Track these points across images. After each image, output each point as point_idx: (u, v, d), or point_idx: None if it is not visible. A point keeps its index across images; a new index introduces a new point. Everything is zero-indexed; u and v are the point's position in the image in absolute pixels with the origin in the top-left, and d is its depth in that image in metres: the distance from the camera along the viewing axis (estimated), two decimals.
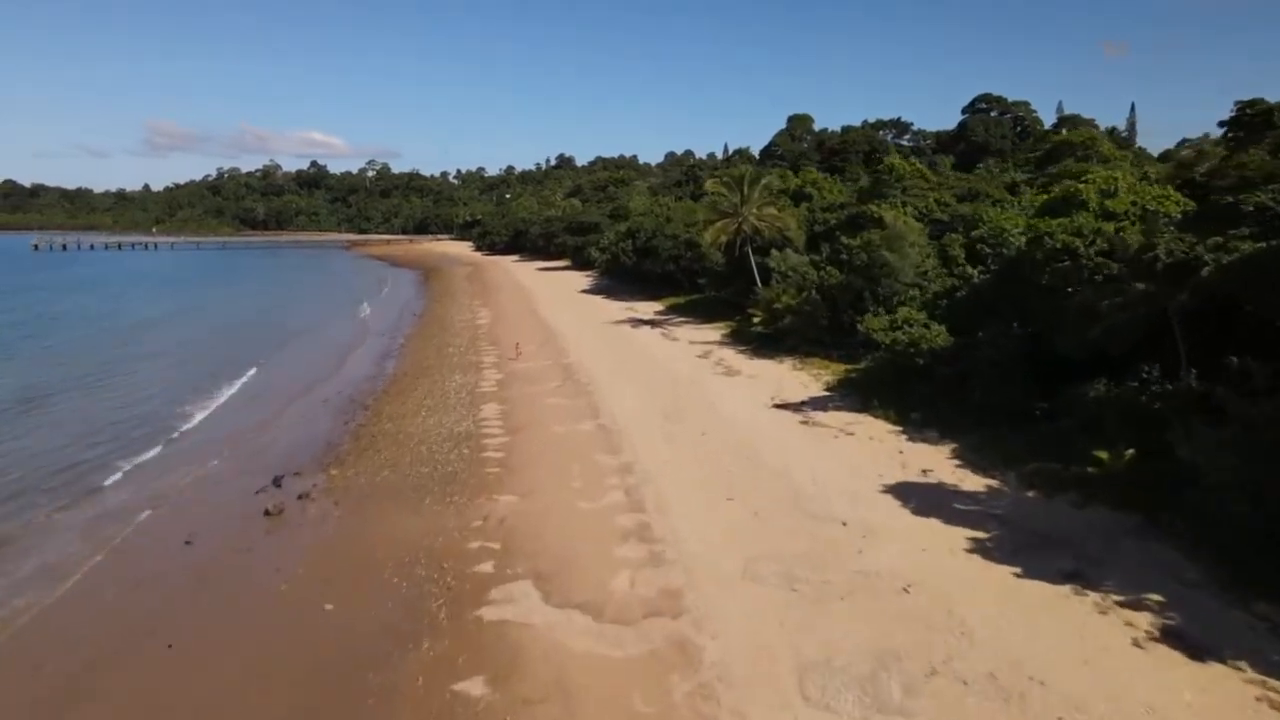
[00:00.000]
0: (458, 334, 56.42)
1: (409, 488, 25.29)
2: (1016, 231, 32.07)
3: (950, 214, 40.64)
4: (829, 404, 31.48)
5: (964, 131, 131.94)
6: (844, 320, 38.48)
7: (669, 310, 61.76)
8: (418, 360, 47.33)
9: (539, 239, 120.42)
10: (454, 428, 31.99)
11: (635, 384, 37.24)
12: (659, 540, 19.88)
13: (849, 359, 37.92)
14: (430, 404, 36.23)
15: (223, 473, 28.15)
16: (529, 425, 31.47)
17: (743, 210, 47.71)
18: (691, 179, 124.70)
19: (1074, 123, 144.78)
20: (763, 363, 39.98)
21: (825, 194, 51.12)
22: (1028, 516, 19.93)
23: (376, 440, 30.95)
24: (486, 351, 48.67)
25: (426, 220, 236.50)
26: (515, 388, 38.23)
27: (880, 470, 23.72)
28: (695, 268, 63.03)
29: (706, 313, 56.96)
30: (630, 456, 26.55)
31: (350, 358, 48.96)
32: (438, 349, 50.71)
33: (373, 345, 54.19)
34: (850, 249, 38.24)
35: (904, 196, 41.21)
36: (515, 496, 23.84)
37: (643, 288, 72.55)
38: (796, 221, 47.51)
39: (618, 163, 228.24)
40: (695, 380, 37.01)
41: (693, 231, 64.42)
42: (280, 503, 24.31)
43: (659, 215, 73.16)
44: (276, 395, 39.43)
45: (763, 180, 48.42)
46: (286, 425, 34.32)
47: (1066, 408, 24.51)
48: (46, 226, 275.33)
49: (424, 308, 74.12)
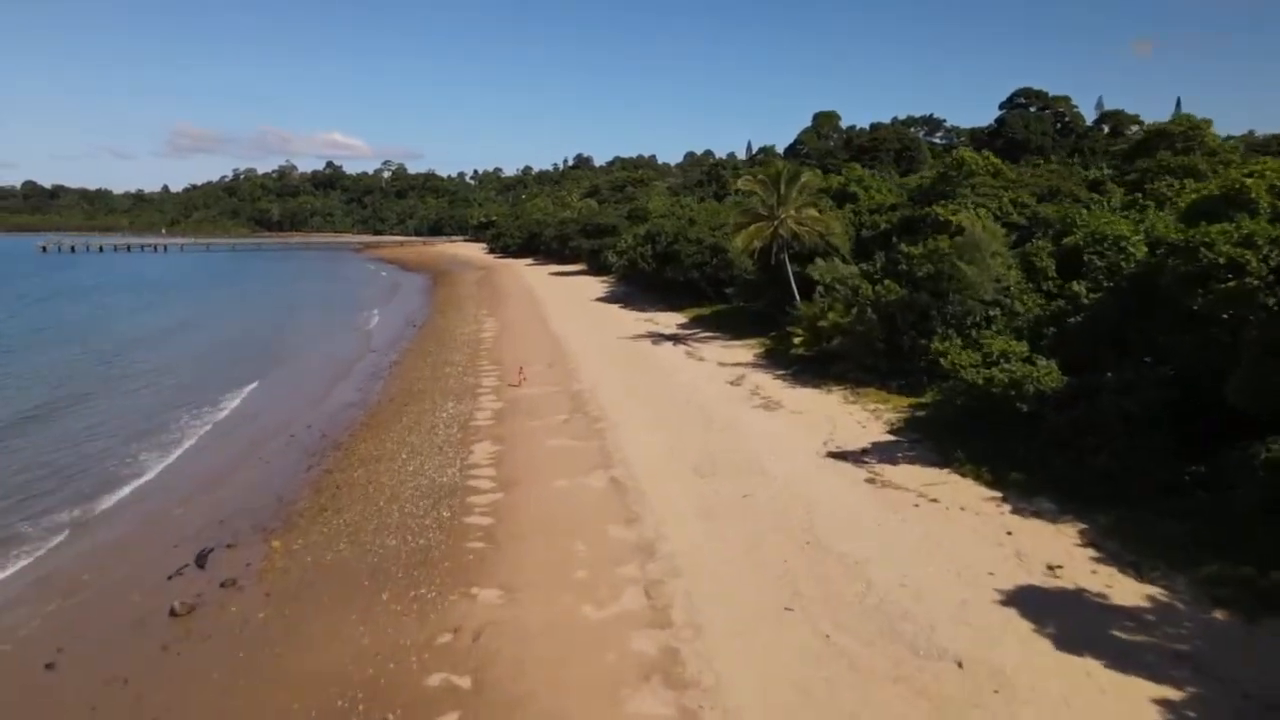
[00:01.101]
0: (458, 349, 50.75)
1: (366, 571, 19.54)
2: (1136, 239, 25.79)
3: (1027, 216, 34.34)
4: (898, 453, 25.32)
5: (1002, 128, 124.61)
6: (903, 343, 32.34)
7: (693, 323, 55.72)
8: (409, 382, 41.68)
9: (553, 241, 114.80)
10: (436, 477, 26.23)
11: (656, 419, 31.31)
12: (693, 684, 13.93)
13: (909, 389, 31.77)
14: (414, 442, 30.53)
15: (144, 542, 22.54)
16: (526, 477, 25.62)
17: (779, 212, 41.63)
18: (714, 179, 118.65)
19: (1117, 119, 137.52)
20: (807, 393, 33.85)
21: (874, 194, 44.93)
22: (1231, 660, 13.73)
23: (340, 495, 25.25)
24: (487, 372, 42.94)
25: (441, 221, 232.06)
26: (515, 422, 32.42)
27: (990, 564, 17.61)
28: (722, 276, 57.02)
29: (735, 327, 50.89)
30: (652, 530, 20.62)
31: (340, 381, 43.27)
32: (434, 368, 45.05)
33: (366, 364, 48.64)
34: (912, 259, 32.08)
35: (975, 196, 35.00)
36: (499, 592, 17.99)
37: (663, 296, 66.59)
38: (841, 225, 41.36)
39: (636, 163, 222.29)
40: (729, 415, 30.98)
41: (719, 236, 58.42)
42: (195, 596, 18.64)
43: (680, 217, 67.20)
44: (250, 430, 33.83)
45: (802, 177, 42.31)
46: (245, 470, 28.69)
47: (1233, 476, 18.33)
48: (64, 227, 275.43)
49: (427, 318, 68.61)
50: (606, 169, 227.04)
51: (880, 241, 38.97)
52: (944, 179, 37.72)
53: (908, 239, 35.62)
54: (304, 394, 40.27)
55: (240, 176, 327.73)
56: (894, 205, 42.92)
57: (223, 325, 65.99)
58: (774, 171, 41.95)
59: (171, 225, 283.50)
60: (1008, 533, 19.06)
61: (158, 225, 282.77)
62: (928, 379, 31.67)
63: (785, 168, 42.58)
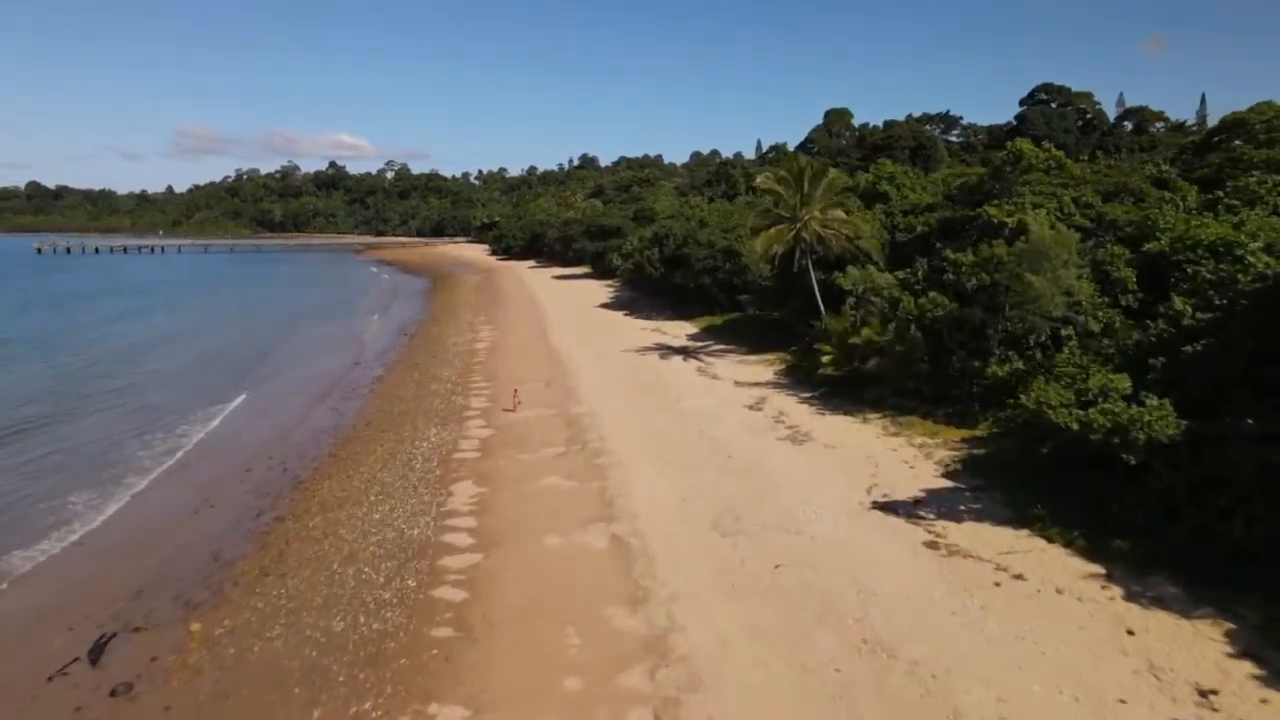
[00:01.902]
0: (449, 363, 46.55)
1: (300, 671, 15.33)
2: (1254, 247, 21.35)
3: (1091, 217, 29.94)
4: (959, 505, 20.97)
5: (1022, 125, 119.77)
6: (951, 365, 27.99)
7: (704, 333, 51.41)
8: (391, 402, 37.51)
9: (556, 243, 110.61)
10: (406, 528, 22.03)
11: (666, 454, 27.02)
12: None
13: (959, 419, 27.42)
14: (386, 479, 26.35)
15: (35, 623, 18.31)
16: (512, 532, 21.36)
17: (802, 214, 37.28)
18: (723, 178, 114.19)
19: (1141, 115, 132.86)
20: (839, 422, 29.47)
21: (907, 193, 40.49)
22: None
23: (289, 552, 21.07)
24: (478, 390, 38.73)
25: (443, 222, 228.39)
26: (504, 455, 28.18)
27: (1116, 684, 13.25)
28: (735, 282, 52.73)
29: (751, 338, 46.57)
30: (664, 617, 16.33)
31: (317, 402, 38.89)
32: (419, 385, 40.86)
33: (350, 379, 44.43)
34: (961, 267, 27.71)
35: (1032, 195, 30.49)
36: (463, 713, 13.75)
37: (671, 303, 62.32)
38: (872, 228, 36.99)
39: (641, 162, 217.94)
40: (751, 451, 26.64)
41: (732, 238, 54.13)
42: (72, 712, 14.46)
43: (690, 219, 62.89)
44: (208, 467, 29.41)
45: (828, 175, 37.94)
46: (187, 520, 24.40)
47: None
48: (67, 228, 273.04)
49: (420, 325, 64.46)
50: (612, 169, 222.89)
51: (918, 247, 34.58)
52: (997, 175, 33.12)
53: (952, 244, 31.23)
54: (275, 419, 36.01)
55: (243, 177, 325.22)
56: (931, 205, 38.51)
57: (205, 338, 61.55)
58: (796, 168, 37.59)
59: (174, 226, 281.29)
60: (1128, 631, 14.69)
61: (160, 226, 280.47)
62: (979, 406, 27.37)
63: (808, 164, 38.22)
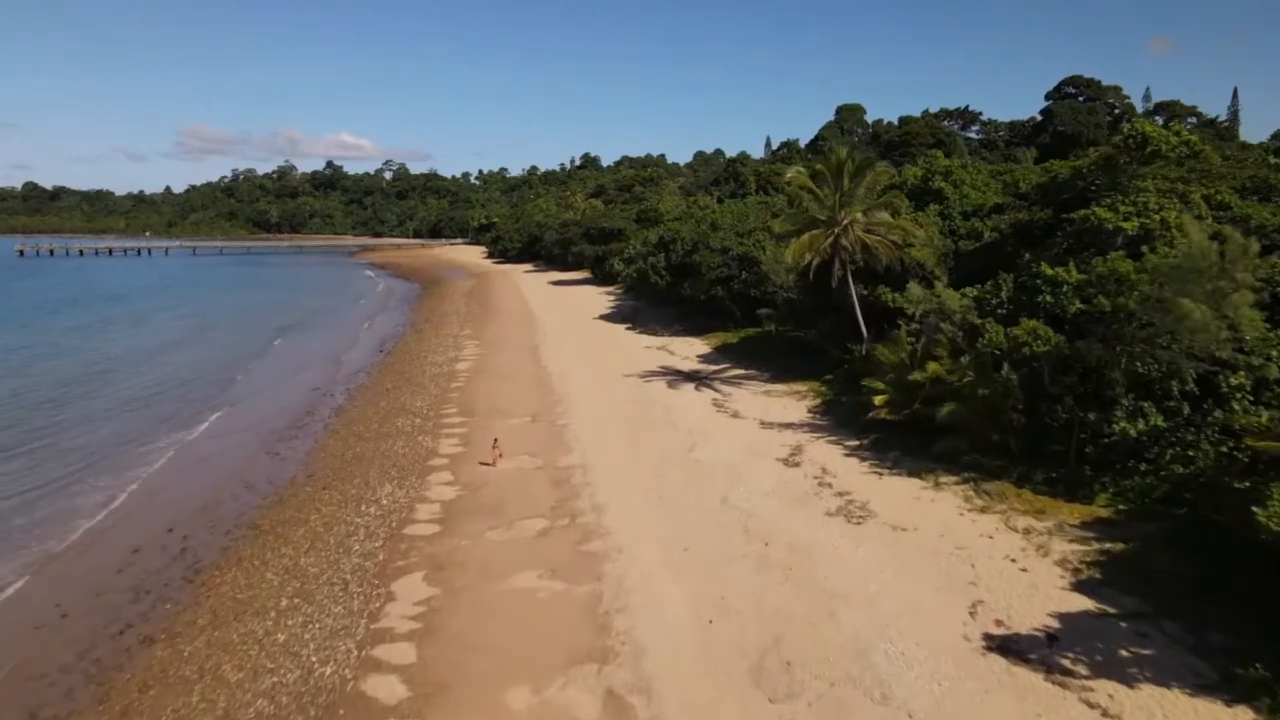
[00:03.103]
0: (423, 388, 40.04)
1: None
2: None
3: (1224, 220, 23.28)
4: (1120, 649, 14.26)
5: (1049, 120, 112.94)
6: (1053, 416, 21.39)
7: (718, 354, 44.76)
8: (344, 443, 31.00)
9: (554, 246, 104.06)
10: (316, 666, 15.54)
11: (683, 533, 20.43)
12: None
13: (1064, 487, 20.80)
14: (310, 568, 19.93)
15: None
16: (462, 681, 14.78)
17: (841, 216, 30.67)
18: (732, 176, 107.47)
19: (1173, 110, 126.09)
20: (903, 486, 22.79)
21: (968, 190, 33.71)
22: None
23: (136, 711, 14.52)
24: (450, 427, 32.22)
25: (441, 223, 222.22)
26: (469, 530, 21.64)
27: None
28: (753, 294, 46.14)
29: (773, 362, 39.94)
30: None
31: (262, 450, 31.66)
32: (383, 419, 34.35)
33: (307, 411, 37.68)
34: (1066, 287, 21.06)
35: (1156, 196, 23.77)
36: None
37: (679, 315, 55.75)
38: (927, 233, 30.39)
39: (644, 162, 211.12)
40: (795, 535, 19.97)
41: (749, 243, 47.54)
42: None
43: (700, 221, 56.30)
44: (95, 554, 22.36)
45: (873, 169, 31.33)
46: (17, 647, 17.70)
47: None
48: (62, 229, 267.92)
49: (400, 339, 57.95)
50: (614, 169, 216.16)
51: (987, 258, 27.96)
52: (1108, 165, 26.15)
53: (1038, 254, 24.58)
54: (206, 471, 29.10)
55: (239, 178, 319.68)
56: (999, 205, 31.85)
57: (162, 361, 53.71)
58: (835, 162, 30.91)
59: (169, 228, 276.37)
60: None
61: (151, 228, 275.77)
62: (1092, 470, 20.75)
63: (849, 156, 31.46)
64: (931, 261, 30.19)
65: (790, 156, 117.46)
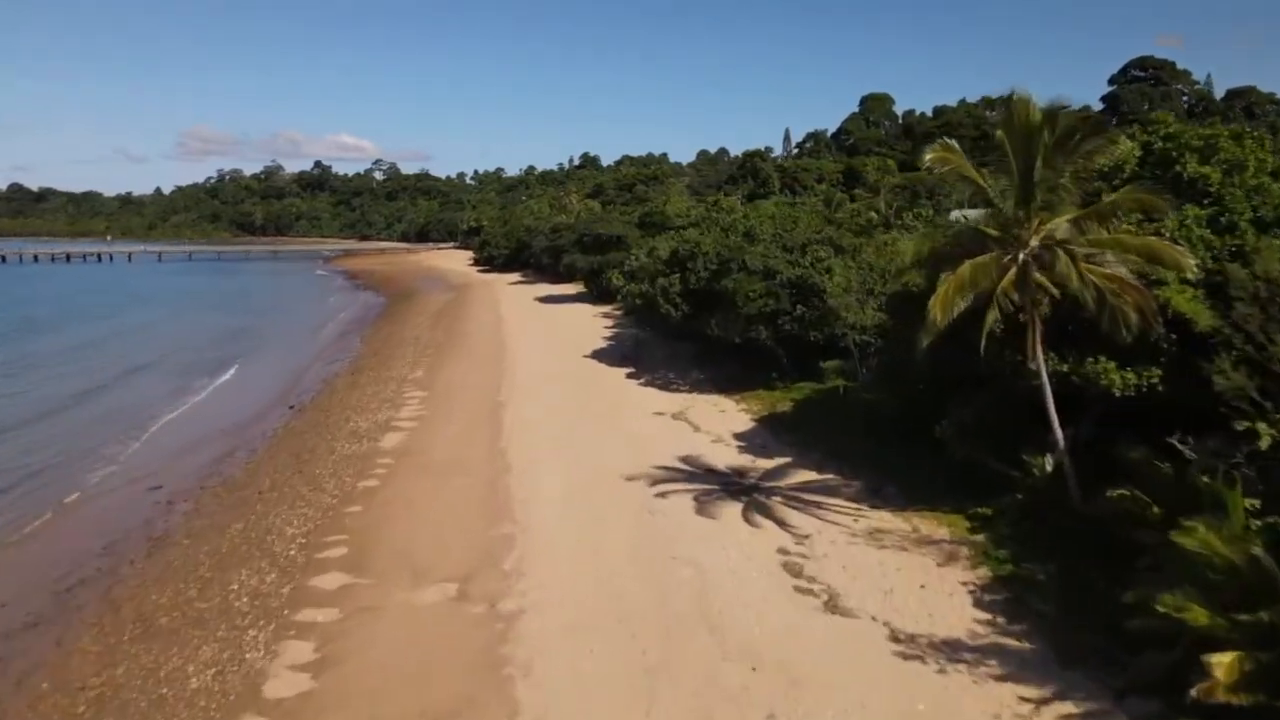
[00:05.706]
0: (311, 498, 25.64)
1: None
2: None
3: None
4: None
5: (1115, 105, 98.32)
6: None
7: (765, 429, 29.91)
8: (125, 637, 16.54)
9: (544, 254, 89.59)
10: None
11: None
12: None
13: None
14: None
15: None
16: None
17: (1028, 234, 16.21)
18: (750, 174, 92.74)
19: (1249, 97, 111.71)
20: None
21: (1262, 177, 18.61)
22: None
23: None
24: (300, 629, 17.78)
25: (429, 226, 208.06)
26: None
27: None
28: (814, 337, 31.70)
29: (861, 449, 25.40)
30: None
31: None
32: (216, 571, 19.95)
33: (120, 529, 23.57)
34: None
35: None
36: None
37: (698, 357, 41.32)
38: (1198, 259, 15.88)
39: (645, 160, 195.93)
40: None
41: (804, 263, 33.00)
42: None
43: (728, 229, 41.70)
44: None
45: (1103, 135, 16.84)
46: None
47: None
48: (41, 232, 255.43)
49: (327, 386, 43.56)
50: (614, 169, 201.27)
51: None
52: None
53: None
54: None
55: (225, 178, 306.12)
56: None
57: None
58: (1023, 125, 16.29)
59: (150, 230, 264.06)
60: None
61: (136, 230, 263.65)
62: None
63: (1044, 117, 16.70)
64: (1205, 317, 15.68)
65: (818, 150, 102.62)
